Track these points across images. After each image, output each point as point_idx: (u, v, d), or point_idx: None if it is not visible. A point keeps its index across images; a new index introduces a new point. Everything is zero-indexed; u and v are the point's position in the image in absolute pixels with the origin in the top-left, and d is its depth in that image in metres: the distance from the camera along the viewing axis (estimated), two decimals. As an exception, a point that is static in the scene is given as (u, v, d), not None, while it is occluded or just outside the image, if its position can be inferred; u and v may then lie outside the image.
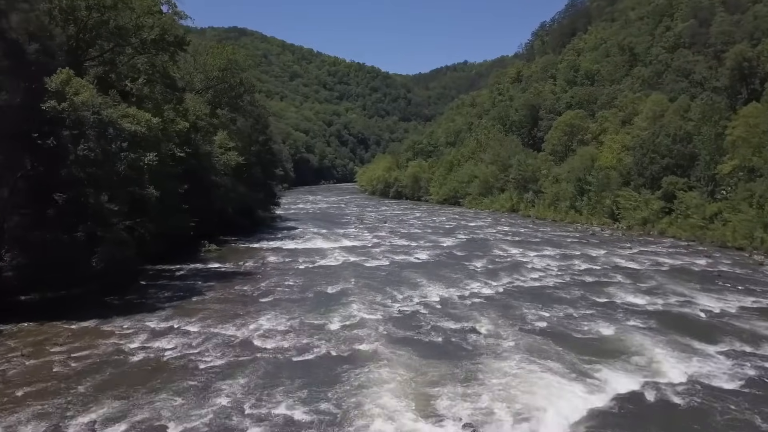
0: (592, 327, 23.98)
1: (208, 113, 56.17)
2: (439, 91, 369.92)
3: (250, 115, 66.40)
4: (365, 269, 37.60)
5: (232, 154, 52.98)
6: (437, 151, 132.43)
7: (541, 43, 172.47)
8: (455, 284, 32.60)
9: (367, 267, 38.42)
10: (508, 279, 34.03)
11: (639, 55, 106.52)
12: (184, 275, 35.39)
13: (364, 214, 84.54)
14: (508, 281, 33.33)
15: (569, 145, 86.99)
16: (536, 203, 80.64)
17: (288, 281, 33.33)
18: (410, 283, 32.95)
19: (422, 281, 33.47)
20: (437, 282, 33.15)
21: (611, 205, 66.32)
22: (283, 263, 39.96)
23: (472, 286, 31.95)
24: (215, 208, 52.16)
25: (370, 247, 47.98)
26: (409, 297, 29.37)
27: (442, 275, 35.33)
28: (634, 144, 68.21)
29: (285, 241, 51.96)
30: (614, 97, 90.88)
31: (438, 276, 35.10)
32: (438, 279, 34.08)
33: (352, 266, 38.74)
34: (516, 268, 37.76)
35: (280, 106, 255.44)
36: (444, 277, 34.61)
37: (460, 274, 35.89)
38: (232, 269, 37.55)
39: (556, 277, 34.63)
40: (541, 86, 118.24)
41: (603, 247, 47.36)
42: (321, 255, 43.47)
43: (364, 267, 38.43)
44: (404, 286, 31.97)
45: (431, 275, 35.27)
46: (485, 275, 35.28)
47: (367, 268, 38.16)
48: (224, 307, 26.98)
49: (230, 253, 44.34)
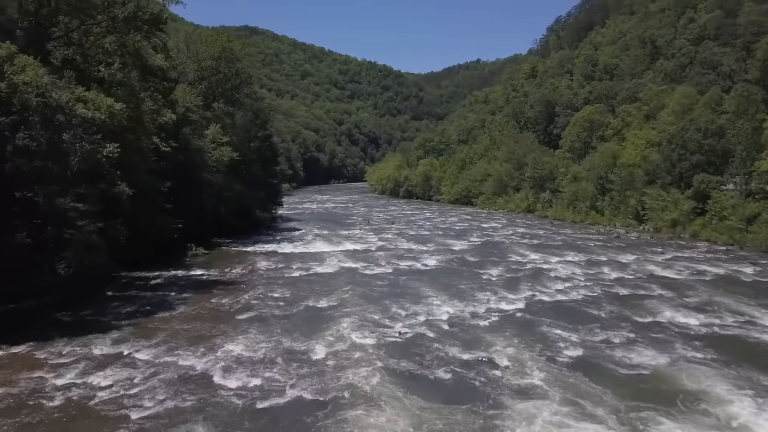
0: (638, 356, 19.39)
1: (201, 105, 52.19)
2: (451, 90, 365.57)
3: (249, 109, 62.20)
4: (365, 278, 33.18)
5: (225, 150, 48.79)
6: (449, 149, 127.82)
7: (557, 38, 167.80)
8: (468, 298, 28.09)
9: (367, 275, 34.01)
10: (528, 291, 29.47)
11: (661, 48, 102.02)
12: (159, 284, 31.17)
13: (371, 214, 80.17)
14: (529, 294, 28.76)
15: (588, 141, 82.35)
16: (554, 203, 75.96)
17: (275, 292, 28.99)
18: (415, 296, 28.50)
19: (429, 293, 29.01)
20: (447, 294, 28.68)
21: (636, 206, 61.57)
22: (275, 270, 35.66)
23: (487, 300, 27.43)
24: (207, 208, 48.11)
25: (373, 251, 43.60)
26: (413, 314, 24.90)
27: (452, 286, 30.85)
28: (661, 139, 63.40)
29: (282, 244, 47.71)
30: (637, 91, 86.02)
31: (448, 287, 30.62)
32: (448, 291, 29.60)
33: (350, 274, 34.36)
34: (537, 277, 33.19)
35: (290, 104, 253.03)
36: (455, 289, 30.14)
37: (474, 284, 31.40)
38: (215, 277, 33.29)
39: (585, 289, 30.00)
40: (557, 81, 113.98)
41: (632, 252, 42.68)
42: (318, 260, 39.14)
43: (365, 275, 34.02)
44: (408, 300, 27.52)
45: (440, 286, 30.80)
46: (502, 286, 30.75)
47: (367, 276, 33.75)
48: (192, 327, 22.69)
49: (219, 258, 40.12)
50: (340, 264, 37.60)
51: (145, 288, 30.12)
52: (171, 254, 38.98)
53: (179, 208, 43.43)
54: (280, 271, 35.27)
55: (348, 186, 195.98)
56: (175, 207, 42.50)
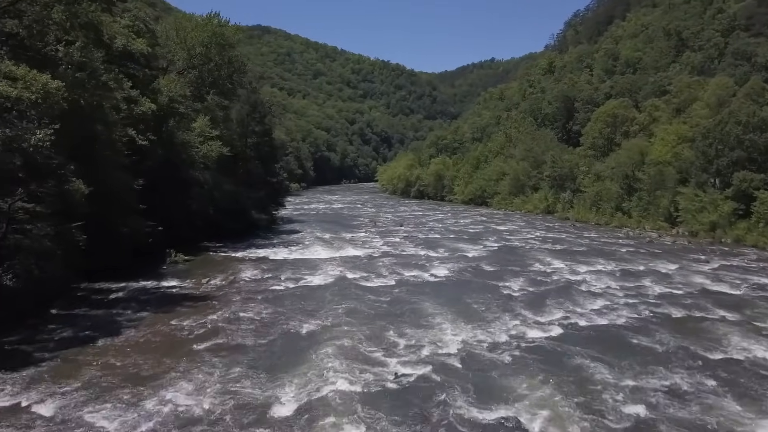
0: (724, 416, 14.25)
1: (190, 96, 47.52)
2: (465, 89, 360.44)
3: (245, 101, 57.43)
4: (363, 292, 28.14)
5: (213, 144, 44.03)
6: (462, 148, 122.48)
7: (575, 32, 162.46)
8: (484, 321, 22.96)
9: (366, 288, 28.96)
10: (559, 312, 24.29)
11: (687, 40, 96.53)
12: (118, 299, 26.36)
13: (379, 215, 75.15)
14: (559, 316, 23.57)
15: (612, 138, 76.82)
16: (575, 204, 70.54)
17: (251, 311, 24.07)
18: (420, 318, 23.45)
19: (437, 314, 23.93)
20: (458, 316, 23.59)
21: (668, 207, 56.11)
22: (260, 281, 30.75)
23: (508, 325, 22.27)
24: (194, 209, 43.39)
25: (376, 258, 38.60)
26: (416, 345, 19.79)
27: (465, 304, 25.77)
28: (695, 134, 57.89)
29: (277, 249, 42.88)
30: (664, 84, 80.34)
31: (460, 305, 25.55)
32: (459, 311, 24.51)
33: (346, 287, 29.36)
34: (567, 291, 28.01)
35: (301, 104, 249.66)
36: (468, 308, 25.05)
37: (491, 301, 26.29)
38: (188, 290, 28.44)
39: (627, 309, 24.77)
40: (576, 77, 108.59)
41: (670, 260, 37.39)
42: (313, 269, 34.20)
43: (363, 288, 28.97)
44: (411, 324, 22.47)
45: (450, 304, 25.72)
46: (526, 304, 25.58)
47: (365, 289, 28.71)
48: (132, 361, 17.83)
49: (200, 266, 35.30)
50: (336, 274, 32.61)
51: (99, 304, 25.31)
52: (146, 261, 34.22)
53: (161, 208, 39.02)
54: (266, 282, 30.34)
55: (359, 186, 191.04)
56: (156, 208, 38.15)
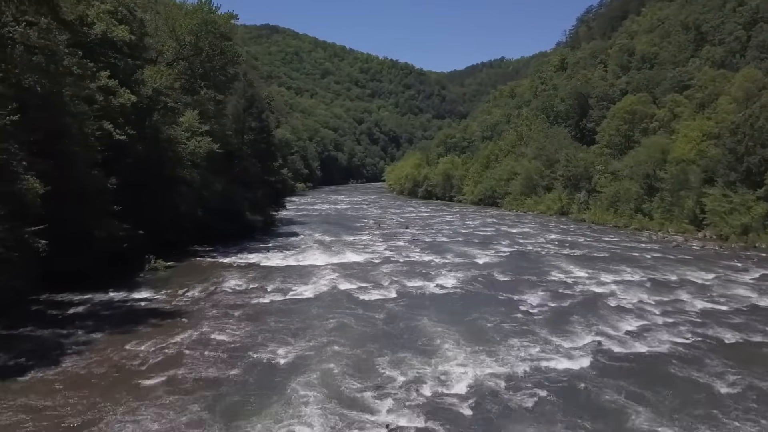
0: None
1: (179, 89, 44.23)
2: (474, 88, 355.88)
3: (241, 95, 54.11)
4: (358, 307, 24.55)
5: (202, 141, 40.64)
6: (472, 146, 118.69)
7: (587, 29, 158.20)
8: (498, 347, 19.26)
9: (361, 303, 25.37)
10: (587, 334, 20.57)
11: (707, 34, 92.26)
12: (76, 314, 22.98)
13: (384, 217, 71.62)
14: (589, 341, 19.81)
15: (630, 135, 72.86)
16: (591, 205, 66.68)
17: (223, 332, 20.57)
18: (421, 342, 19.84)
19: (442, 337, 20.25)
20: (467, 339, 19.94)
21: (693, 208, 52.22)
22: (243, 292, 27.27)
23: (528, 353, 18.49)
24: (180, 210, 40.04)
25: (377, 265, 35.06)
26: (415, 381, 16.08)
27: (475, 323, 22.13)
28: (721, 130, 53.97)
29: (271, 254, 39.49)
30: (683, 79, 76.22)
31: (469, 325, 21.92)
32: (468, 332, 20.84)
33: (339, 300, 25.82)
34: (593, 307, 24.32)
35: (309, 103, 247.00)
36: (479, 329, 21.41)
37: (506, 320, 22.64)
38: (159, 303, 25.01)
39: (668, 330, 21.00)
40: (590, 73, 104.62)
41: (703, 268, 33.67)
42: (305, 277, 30.73)
43: (358, 302, 25.38)
44: (410, 350, 18.87)
45: (458, 323, 22.10)
46: (547, 324, 21.87)
47: (361, 304, 25.13)
48: (59, 402, 14.34)
49: (182, 273, 31.92)
50: (330, 284, 29.07)
51: (51, 320, 21.91)
52: (123, 268, 30.85)
53: (143, 210, 35.76)
54: (249, 294, 26.85)
55: (366, 186, 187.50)
56: (137, 209, 34.88)
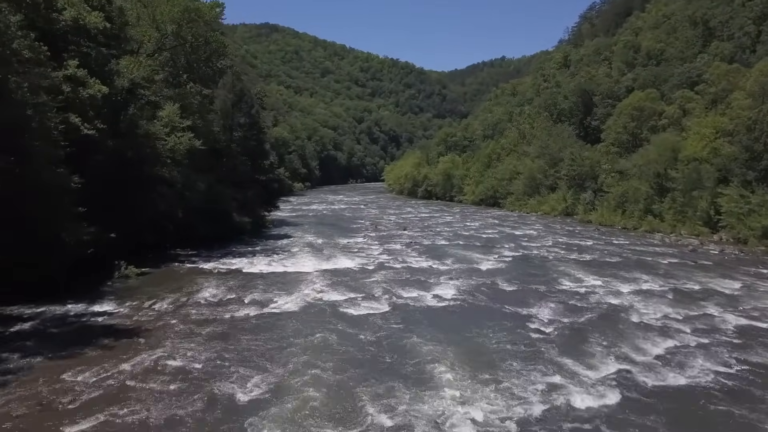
0: None
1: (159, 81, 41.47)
2: (475, 88, 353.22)
3: (230, 90, 51.20)
4: (344, 324, 21.59)
5: (183, 136, 37.77)
6: (473, 145, 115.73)
7: (590, 26, 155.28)
8: (507, 376, 16.26)
9: (349, 318, 22.41)
10: (610, 360, 17.52)
11: (715, 29, 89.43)
12: (19, 332, 19.99)
13: (382, 218, 68.69)
14: (614, 369, 16.71)
15: (638, 133, 69.96)
16: (597, 205, 63.73)
17: (182, 356, 17.65)
18: (415, 370, 16.88)
19: (440, 364, 17.21)
20: (469, 367, 16.99)
21: (707, 209, 49.30)
22: (217, 305, 24.35)
23: (543, 386, 15.43)
24: (159, 211, 37.17)
25: (370, 272, 32.16)
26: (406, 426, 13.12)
27: (479, 346, 19.18)
28: (736, 127, 51.06)
29: (257, 259, 36.61)
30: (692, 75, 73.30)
31: (471, 347, 18.97)
32: (471, 357, 17.87)
33: (324, 315, 22.89)
34: (613, 324, 21.36)
35: (308, 102, 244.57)
36: (483, 353, 18.44)
37: (514, 340, 19.65)
38: (119, 318, 22.07)
39: (705, 354, 17.98)
40: (594, 70, 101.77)
41: (726, 275, 30.79)
42: (290, 286, 27.84)
43: (345, 318, 22.41)
44: (401, 381, 15.94)
45: (458, 344, 19.14)
46: (563, 347, 18.83)
47: (347, 320, 22.18)
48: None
49: (154, 281, 29.03)
50: (317, 294, 26.16)
51: (-11, 341, 19.02)
52: (90, 276, 27.98)
53: (116, 211, 33.00)
54: (224, 307, 23.93)
55: (366, 186, 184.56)
56: (109, 210, 32.20)
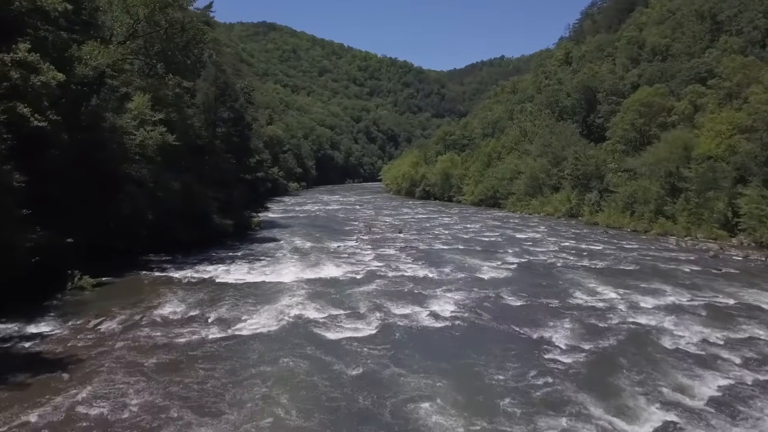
0: None
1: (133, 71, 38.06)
2: (474, 87, 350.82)
3: (212, 83, 47.72)
4: (321, 351, 17.93)
5: (154, 131, 34.20)
6: (472, 144, 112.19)
7: (592, 22, 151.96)
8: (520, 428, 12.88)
9: (327, 343, 18.77)
10: (652, 406, 13.73)
11: (723, 24, 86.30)
12: None
13: (377, 219, 65.15)
14: (658, 420, 13.04)
15: (646, 130, 66.57)
16: (604, 206, 60.22)
17: (110, 399, 14.06)
18: (396, 415, 13.34)
19: (433, 409, 13.65)
20: (470, 416, 13.39)
21: (724, 211, 45.86)
22: (175, 324, 20.76)
23: None
24: (127, 214, 33.60)
25: (359, 282, 28.63)
26: None
27: (483, 383, 15.57)
28: (755, 122, 47.58)
29: (235, 266, 33.11)
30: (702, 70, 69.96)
31: (474, 386, 15.38)
32: (473, 401, 14.26)
33: (298, 337, 19.31)
34: (644, 352, 17.75)
35: (305, 101, 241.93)
36: (488, 393, 14.84)
37: (527, 376, 15.98)
38: (51, 344, 18.43)
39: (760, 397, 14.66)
40: (597, 66, 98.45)
41: (758, 285, 27.34)
42: (264, 301, 24.30)
43: (323, 344, 18.72)
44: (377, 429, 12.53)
45: (457, 381, 15.52)
46: (589, 387, 15.09)
47: (326, 345, 18.54)
48: None
49: (111, 294, 25.47)
50: (294, 310, 22.55)
51: None
52: (38, 287, 24.41)
53: (73, 213, 29.63)
54: (183, 326, 20.35)
55: (363, 186, 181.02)
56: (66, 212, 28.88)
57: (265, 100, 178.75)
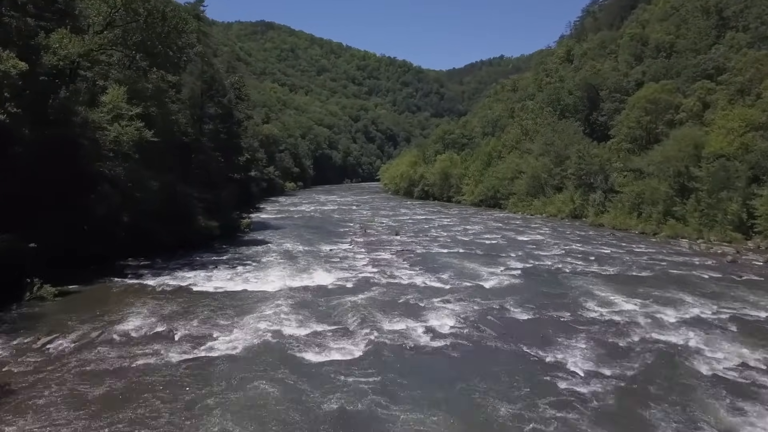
0: None
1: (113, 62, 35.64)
2: (473, 87, 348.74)
3: (198, 77, 45.21)
4: (296, 376, 15.41)
5: (129, 126, 31.66)
6: (472, 143, 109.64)
7: (594, 19, 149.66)
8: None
9: (306, 366, 16.25)
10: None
11: (730, 20, 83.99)
12: None
13: (374, 220, 62.65)
14: None
15: (653, 128, 64.18)
16: (610, 207, 57.76)
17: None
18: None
19: None
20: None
21: (739, 212, 43.48)
22: (136, 342, 18.27)
23: None
24: (98, 215, 31.09)
25: (349, 291, 26.15)
26: None
27: (483, 415, 13.20)
28: (770, 119, 45.32)
29: (217, 272, 30.70)
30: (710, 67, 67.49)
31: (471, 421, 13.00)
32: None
33: (275, 359, 16.80)
34: (677, 379, 15.27)
35: (303, 100, 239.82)
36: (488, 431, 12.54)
37: (535, 409, 13.58)
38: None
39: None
40: (600, 64, 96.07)
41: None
42: (242, 314, 21.79)
43: (301, 366, 16.22)
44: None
45: (452, 417, 13.05)
46: (614, 424, 12.74)
47: (304, 370, 16.02)
48: None
49: (73, 305, 22.97)
50: (273, 326, 20.00)
51: None
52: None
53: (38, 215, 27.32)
54: (143, 346, 17.82)
55: (361, 186, 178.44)
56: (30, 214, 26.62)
57: (262, 98, 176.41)
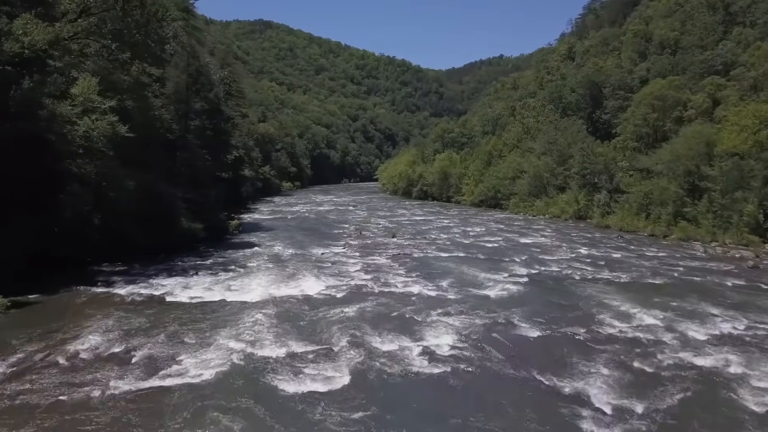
0: None
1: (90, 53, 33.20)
2: (473, 86, 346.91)
3: (183, 70, 42.71)
4: (267, 412, 12.94)
5: (101, 121, 29.14)
6: (472, 142, 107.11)
7: (595, 17, 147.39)
8: None
9: (280, 398, 13.75)
10: None
11: (737, 15, 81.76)
12: None
13: (370, 221, 60.17)
14: None
15: (660, 125, 61.77)
16: (616, 208, 55.29)
17: None
18: None
19: None
20: None
21: (755, 213, 41.05)
22: (85, 367, 15.77)
23: None
24: (66, 216, 28.58)
25: (338, 303, 23.65)
26: None
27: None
28: (787, 116, 42.89)
29: (197, 278, 28.27)
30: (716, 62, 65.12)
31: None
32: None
33: (244, 388, 14.34)
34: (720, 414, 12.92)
35: (301, 99, 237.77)
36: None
37: None
38: None
39: None
40: (602, 61, 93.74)
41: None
42: (215, 329, 19.29)
43: (274, 397, 13.74)
44: None
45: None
46: None
47: (277, 403, 13.53)
48: None
49: (25, 318, 20.49)
50: (247, 347, 17.45)
51: None
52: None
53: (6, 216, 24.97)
54: (94, 372, 15.33)
55: (359, 185, 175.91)
56: None
57: (259, 97, 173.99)
